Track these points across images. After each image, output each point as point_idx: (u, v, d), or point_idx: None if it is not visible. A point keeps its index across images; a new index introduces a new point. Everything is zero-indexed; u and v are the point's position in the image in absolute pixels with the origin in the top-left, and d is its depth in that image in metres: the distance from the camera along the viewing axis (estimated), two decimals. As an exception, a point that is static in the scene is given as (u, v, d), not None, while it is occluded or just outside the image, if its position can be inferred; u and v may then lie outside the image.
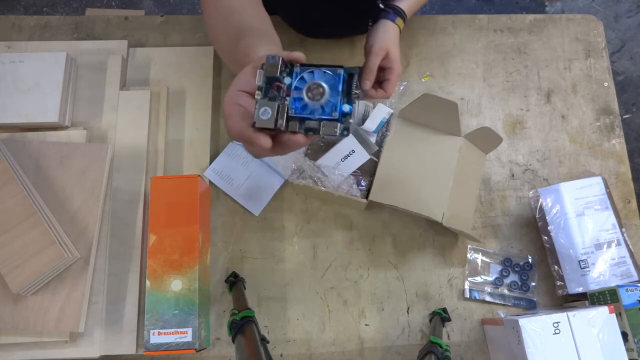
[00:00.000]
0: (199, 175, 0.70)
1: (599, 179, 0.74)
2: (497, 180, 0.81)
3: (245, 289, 0.72)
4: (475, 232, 0.78)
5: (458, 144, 0.74)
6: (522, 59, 0.88)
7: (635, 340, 0.63)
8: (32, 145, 0.74)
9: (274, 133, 0.43)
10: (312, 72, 0.42)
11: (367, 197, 0.73)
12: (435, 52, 0.87)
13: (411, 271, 0.76)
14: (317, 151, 0.75)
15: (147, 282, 0.64)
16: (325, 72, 0.41)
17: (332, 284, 0.75)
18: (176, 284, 0.64)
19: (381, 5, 0.74)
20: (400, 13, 0.73)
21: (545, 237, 0.75)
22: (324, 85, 0.41)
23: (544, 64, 0.87)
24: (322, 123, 0.41)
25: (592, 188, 0.73)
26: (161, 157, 0.78)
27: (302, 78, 0.42)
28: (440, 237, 0.77)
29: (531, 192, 0.79)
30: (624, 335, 0.62)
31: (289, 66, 0.42)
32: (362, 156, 0.74)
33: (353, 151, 0.73)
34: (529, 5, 1.84)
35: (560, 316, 0.61)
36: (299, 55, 0.43)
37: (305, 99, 0.41)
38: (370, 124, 0.76)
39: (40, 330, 0.67)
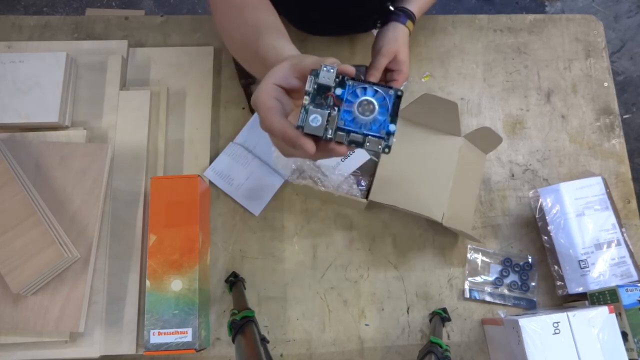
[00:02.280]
0: (199, 175, 0.70)
1: (599, 179, 0.74)
2: (497, 180, 0.81)
3: (245, 289, 0.72)
4: (475, 232, 0.78)
5: (458, 144, 0.74)
6: (522, 59, 0.88)
7: (635, 340, 0.63)
8: (32, 145, 0.74)
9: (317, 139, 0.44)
10: (364, 87, 0.43)
11: (367, 197, 0.73)
12: (435, 52, 0.87)
13: (411, 271, 0.76)
14: (317, 151, 0.75)
15: (147, 282, 0.64)
16: (377, 90, 0.43)
17: (332, 284, 0.75)
18: (176, 284, 0.64)
19: (391, 8, 0.74)
20: (410, 16, 0.73)
21: (545, 237, 0.75)
22: (375, 102, 0.42)
23: (544, 64, 0.87)
24: (367, 138, 0.43)
25: (592, 188, 0.73)
26: (161, 157, 0.78)
27: (354, 92, 0.43)
28: (440, 237, 0.77)
29: (531, 192, 0.79)
30: (624, 335, 0.62)
31: (340, 78, 0.43)
32: (362, 156, 0.74)
33: (353, 151, 0.73)
34: (529, 5, 1.84)
35: (560, 316, 0.61)
36: (351, 69, 0.43)
37: (356, 113, 0.42)
38: (370, 124, 0.76)
39: (40, 330, 0.67)
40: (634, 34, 1.80)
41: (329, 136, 0.43)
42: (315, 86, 0.43)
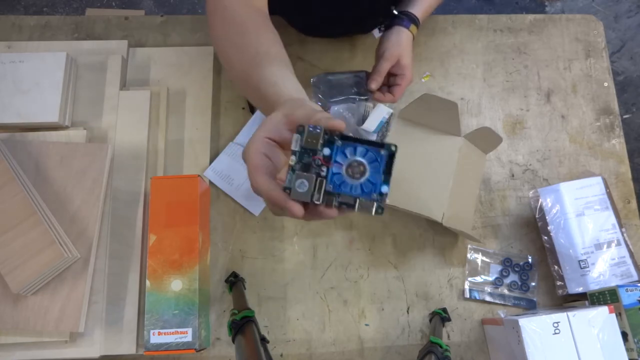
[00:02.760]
0: (199, 175, 0.70)
1: (599, 179, 0.74)
2: (497, 180, 0.81)
3: (245, 289, 0.72)
4: (475, 232, 0.78)
5: (458, 144, 0.74)
6: (522, 59, 0.88)
7: (635, 340, 0.63)
8: (32, 145, 0.74)
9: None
10: (355, 147, 0.40)
11: (367, 197, 0.73)
12: (435, 52, 0.87)
13: (411, 271, 0.76)
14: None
15: (147, 282, 0.64)
16: (367, 149, 0.40)
17: (332, 284, 0.75)
18: (176, 284, 0.64)
19: (395, 12, 0.74)
20: (414, 20, 0.73)
21: (545, 237, 0.75)
22: (366, 164, 0.40)
23: (544, 64, 0.87)
24: (358, 200, 0.40)
25: (592, 188, 0.73)
26: (161, 157, 0.78)
27: (342, 153, 0.40)
28: (440, 237, 0.77)
29: (531, 192, 0.79)
30: (624, 335, 0.62)
31: (327, 134, 0.40)
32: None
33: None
34: (529, 5, 1.84)
35: (560, 316, 0.61)
36: (340, 124, 0.40)
37: (345, 176, 0.40)
38: (370, 124, 0.76)
39: (40, 330, 0.67)
40: (634, 34, 1.80)
41: (316, 202, 0.40)
42: (301, 147, 0.40)
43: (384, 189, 0.40)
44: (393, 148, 0.40)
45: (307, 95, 0.50)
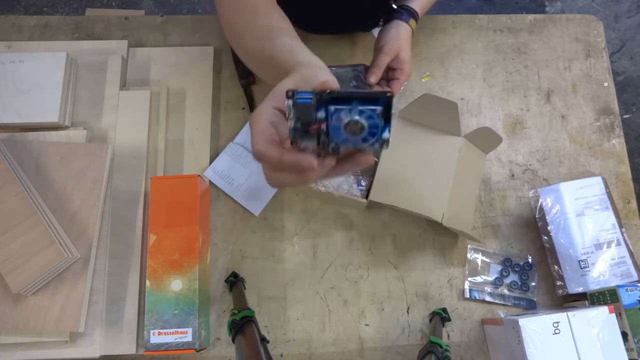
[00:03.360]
0: (199, 175, 0.70)
1: (599, 179, 0.74)
2: (497, 180, 0.81)
3: (245, 289, 0.72)
4: (475, 232, 0.78)
5: (458, 144, 0.74)
6: (522, 59, 0.88)
7: (635, 340, 0.63)
8: (32, 145, 0.74)
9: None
10: (349, 110, 0.38)
11: (367, 197, 0.73)
12: (435, 52, 0.87)
13: (411, 271, 0.76)
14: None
15: (147, 282, 0.64)
16: (362, 109, 0.38)
17: (332, 284, 0.75)
18: (176, 284, 0.64)
19: (394, 6, 0.74)
20: (413, 14, 0.73)
21: (545, 237, 0.75)
22: (363, 121, 0.38)
23: (544, 64, 0.87)
24: (364, 149, 0.39)
25: (592, 188, 0.73)
26: (161, 157, 0.78)
27: (338, 117, 0.38)
28: (440, 237, 0.77)
29: (531, 192, 0.79)
30: (624, 335, 0.62)
31: (319, 96, 0.38)
32: (362, 156, 0.74)
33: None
34: (529, 5, 1.84)
35: (560, 316, 0.61)
36: (332, 84, 0.39)
37: (345, 134, 0.38)
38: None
39: (40, 330, 0.67)
40: (634, 34, 1.80)
41: (325, 150, 0.39)
42: (296, 118, 0.38)
43: (385, 135, 0.39)
44: (389, 95, 0.37)
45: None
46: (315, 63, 0.47)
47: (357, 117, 0.38)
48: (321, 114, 0.38)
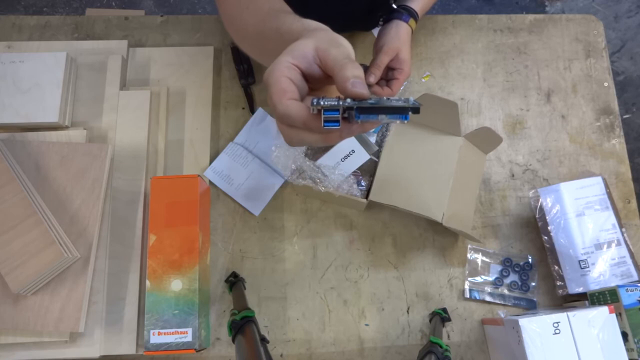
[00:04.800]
0: (199, 175, 0.70)
1: (599, 179, 0.74)
2: (497, 180, 0.81)
3: (245, 289, 0.72)
4: (475, 232, 0.78)
5: (458, 144, 0.74)
6: (522, 59, 0.88)
7: (635, 340, 0.63)
8: (32, 145, 0.74)
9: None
10: (375, 117, 0.37)
11: (367, 197, 0.73)
12: (435, 52, 0.87)
13: (411, 271, 0.76)
14: (317, 151, 0.75)
15: (147, 282, 0.64)
16: (388, 117, 0.37)
17: (332, 284, 0.75)
18: (176, 284, 0.64)
19: (394, 6, 0.73)
20: (413, 14, 0.73)
21: (545, 237, 0.75)
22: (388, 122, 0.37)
23: (544, 64, 0.87)
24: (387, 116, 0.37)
25: (592, 188, 0.73)
26: (161, 157, 0.78)
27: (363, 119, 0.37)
28: (440, 237, 0.77)
29: (531, 192, 0.79)
30: (624, 335, 0.62)
31: (347, 108, 0.36)
32: (362, 156, 0.74)
33: (353, 151, 0.73)
34: (529, 5, 1.84)
35: (560, 316, 0.61)
36: (364, 93, 0.37)
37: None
38: (370, 124, 0.76)
39: (40, 330, 0.67)
40: (634, 34, 1.80)
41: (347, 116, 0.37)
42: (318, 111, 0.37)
43: (413, 106, 0.36)
44: (417, 106, 0.36)
45: None
46: (325, 27, 0.45)
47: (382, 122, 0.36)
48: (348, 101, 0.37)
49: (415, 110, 0.36)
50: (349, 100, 0.38)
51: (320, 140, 0.40)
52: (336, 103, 0.37)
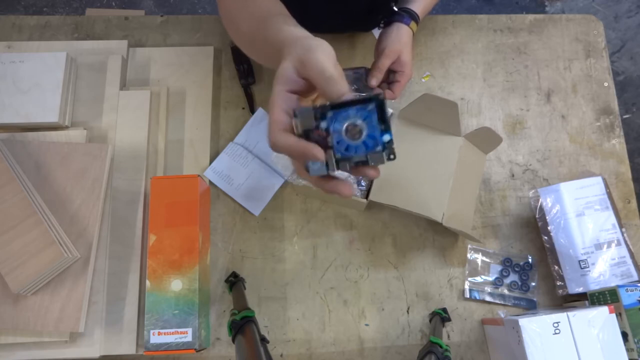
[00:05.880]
0: (199, 175, 0.70)
1: (599, 179, 0.74)
2: (497, 180, 0.81)
3: (245, 289, 0.72)
4: (475, 232, 0.78)
5: (458, 144, 0.74)
6: (522, 59, 0.88)
7: (635, 340, 0.63)
8: (32, 145, 0.74)
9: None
10: (346, 111, 0.42)
11: (367, 197, 0.73)
12: (435, 52, 0.87)
13: (411, 271, 0.76)
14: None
15: (147, 282, 0.64)
16: (357, 109, 0.42)
17: (332, 284, 0.75)
18: (176, 284, 0.64)
19: (395, 9, 0.74)
20: (414, 16, 0.73)
21: (545, 237, 0.75)
22: (360, 123, 0.42)
23: (544, 64, 0.87)
24: (368, 156, 0.42)
25: (592, 188, 0.73)
26: (161, 157, 0.78)
27: (336, 120, 0.42)
28: (440, 237, 0.77)
29: (531, 192, 0.79)
30: (624, 335, 0.62)
31: (319, 111, 0.42)
32: (362, 156, 0.74)
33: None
34: (529, 5, 1.84)
35: (560, 316, 0.61)
36: (342, 92, 0.42)
37: (346, 140, 0.42)
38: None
39: (40, 330, 0.67)
40: (634, 34, 1.80)
41: (332, 173, 0.42)
42: (301, 131, 0.42)
43: (386, 137, 0.42)
44: (381, 97, 0.41)
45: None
46: (302, 35, 0.48)
47: (353, 120, 0.41)
48: (323, 124, 0.41)
49: (393, 156, 0.43)
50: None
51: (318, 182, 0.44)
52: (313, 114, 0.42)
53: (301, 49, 0.45)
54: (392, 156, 0.42)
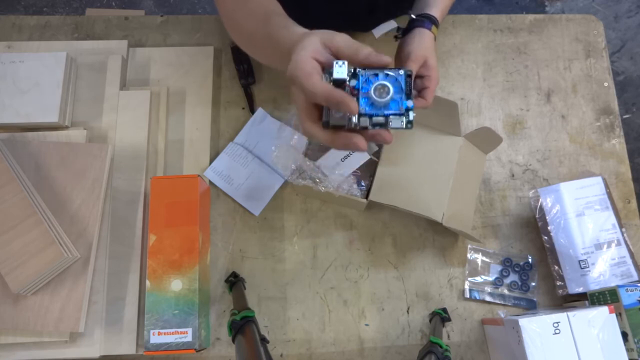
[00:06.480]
0: (199, 175, 0.70)
1: (599, 179, 0.74)
2: (497, 180, 0.81)
3: (245, 289, 0.72)
4: (475, 232, 0.78)
5: (458, 144, 0.74)
6: (522, 59, 0.88)
7: (635, 340, 0.63)
8: (32, 145, 0.74)
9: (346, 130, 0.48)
10: (376, 74, 0.46)
11: (367, 197, 0.73)
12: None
13: (411, 271, 0.76)
14: (317, 151, 0.75)
15: (147, 282, 0.64)
16: (387, 73, 0.46)
17: (332, 284, 0.75)
18: (176, 284, 0.64)
19: (413, 16, 0.73)
20: (434, 21, 0.72)
21: (545, 237, 0.75)
22: (389, 85, 0.46)
23: (544, 64, 0.87)
24: (389, 118, 0.46)
25: (592, 188, 0.73)
26: (161, 157, 0.78)
27: (367, 80, 0.46)
28: (440, 237, 0.77)
29: (531, 192, 0.79)
30: (624, 335, 0.62)
31: (353, 70, 0.46)
32: (362, 156, 0.74)
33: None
34: (529, 5, 1.84)
35: (560, 316, 0.61)
36: (384, 60, 0.46)
37: (373, 97, 0.46)
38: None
39: (40, 330, 0.67)
40: (634, 34, 1.80)
41: (354, 123, 0.46)
42: (331, 82, 0.45)
43: (409, 103, 0.46)
44: (409, 72, 0.46)
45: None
46: (314, 32, 0.50)
47: (383, 81, 0.46)
48: (353, 82, 0.46)
49: (410, 124, 0.47)
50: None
51: (328, 139, 0.48)
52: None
53: (323, 33, 0.48)
54: (409, 125, 0.46)
